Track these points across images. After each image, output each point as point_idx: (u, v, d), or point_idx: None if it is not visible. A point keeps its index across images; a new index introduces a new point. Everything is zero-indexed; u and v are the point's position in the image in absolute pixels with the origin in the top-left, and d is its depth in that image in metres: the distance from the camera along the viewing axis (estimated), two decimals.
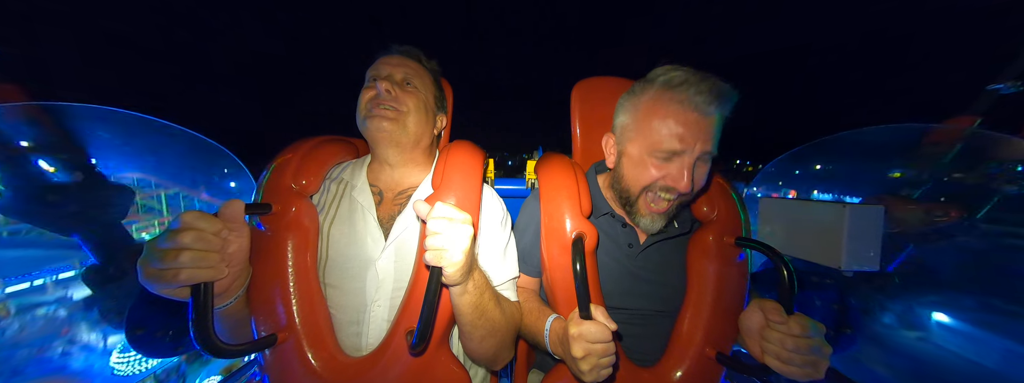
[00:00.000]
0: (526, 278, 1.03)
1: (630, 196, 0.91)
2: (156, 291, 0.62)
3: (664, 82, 0.82)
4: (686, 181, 0.81)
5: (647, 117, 0.84)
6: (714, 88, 0.78)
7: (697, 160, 0.82)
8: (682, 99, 0.79)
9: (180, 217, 0.62)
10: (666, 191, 0.85)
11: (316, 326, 0.82)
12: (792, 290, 0.73)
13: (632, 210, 0.92)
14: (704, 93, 0.77)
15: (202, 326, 0.61)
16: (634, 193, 0.90)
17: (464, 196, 0.85)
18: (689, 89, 0.79)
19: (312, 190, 0.93)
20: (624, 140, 0.90)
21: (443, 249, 0.64)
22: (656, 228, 0.91)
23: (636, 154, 0.87)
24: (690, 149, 0.80)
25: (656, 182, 0.85)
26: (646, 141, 0.84)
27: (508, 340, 0.87)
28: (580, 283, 0.73)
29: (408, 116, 0.91)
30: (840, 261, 1.44)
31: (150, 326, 1.70)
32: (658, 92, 0.83)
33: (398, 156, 0.95)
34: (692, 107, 0.79)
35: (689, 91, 0.78)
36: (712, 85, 0.78)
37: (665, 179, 0.83)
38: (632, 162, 0.88)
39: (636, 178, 0.88)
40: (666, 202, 0.87)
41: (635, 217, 0.92)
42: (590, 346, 0.68)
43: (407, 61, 0.95)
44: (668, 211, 0.88)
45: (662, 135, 0.81)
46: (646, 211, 0.89)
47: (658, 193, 0.86)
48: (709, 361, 0.89)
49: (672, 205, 0.87)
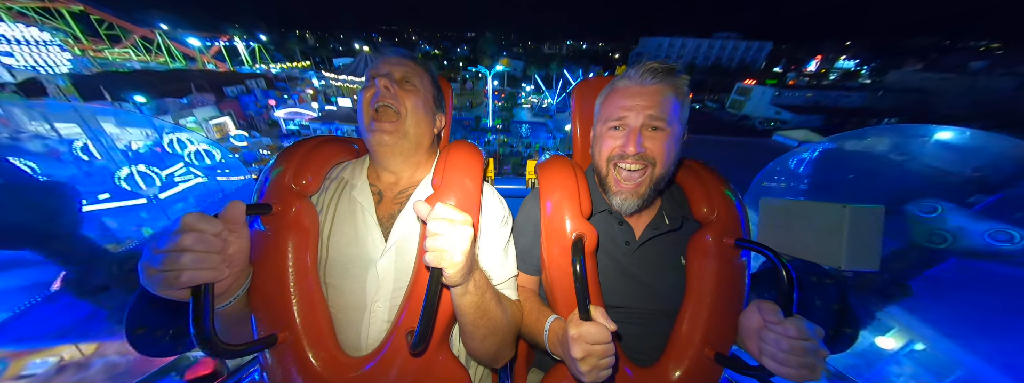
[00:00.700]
0: (525, 276, 1.03)
1: (601, 173, 0.97)
2: (157, 292, 0.62)
3: (622, 73, 0.95)
4: (633, 144, 0.88)
5: (605, 100, 0.96)
6: (652, 66, 0.89)
7: (645, 127, 0.89)
8: (625, 78, 0.92)
9: (181, 219, 0.62)
10: (623, 160, 0.91)
11: (316, 326, 0.82)
12: (791, 291, 0.73)
13: (606, 188, 0.97)
14: (641, 69, 0.90)
15: (203, 326, 0.61)
16: (602, 169, 0.96)
17: (464, 196, 0.85)
18: (631, 70, 0.92)
19: (312, 190, 0.93)
20: (595, 123, 1.00)
21: (443, 250, 0.64)
22: (630, 208, 0.94)
23: (599, 132, 0.97)
24: (635, 115, 0.89)
25: (613, 152, 0.92)
26: (602, 117, 0.96)
27: (509, 339, 0.88)
28: (580, 284, 0.73)
29: (407, 120, 0.92)
30: (840, 261, 1.44)
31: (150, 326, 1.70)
32: (615, 80, 0.96)
33: (401, 163, 0.97)
34: (633, 82, 0.91)
35: (631, 71, 0.92)
36: (653, 64, 0.90)
37: (617, 147, 0.91)
38: (597, 140, 0.98)
39: (599, 152, 0.96)
40: (630, 174, 0.92)
41: (610, 198, 0.97)
42: (590, 347, 0.68)
43: (406, 61, 0.96)
44: (638, 190, 0.93)
45: (612, 108, 0.92)
46: (616, 188, 0.94)
47: (619, 165, 0.93)
48: (708, 361, 0.89)
49: (639, 183, 0.92)
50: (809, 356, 0.69)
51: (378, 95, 0.90)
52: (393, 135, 0.90)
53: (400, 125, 0.91)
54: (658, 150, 0.90)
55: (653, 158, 0.90)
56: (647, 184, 0.92)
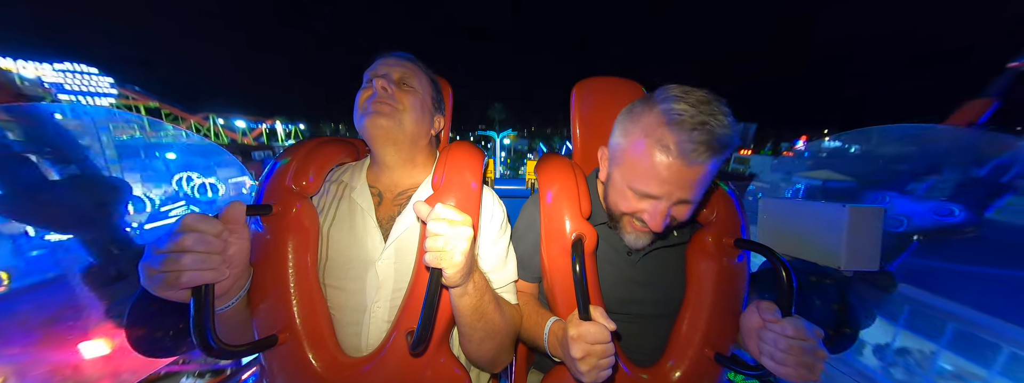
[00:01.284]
0: (525, 283, 1.03)
1: (614, 215, 0.91)
2: (157, 293, 0.62)
3: (663, 112, 0.73)
4: (658, 224, 0.79)
5: (634, 147, 0.78)
6: (710, 139, 0.69)
7: (674, 204, 0.79)
8: (671, 142, 0.71)
9: (181, 220, 0.62)
10: (643, 222, 0.84)
11: (316, 326, 0.82)
12: (791, 292, 0.73)
13: (617, 225, 0.91)
14: (695, 142, 0.69)
15: (203, 327, 0.61)
16: (616, 213, 0.90)
17: (464, 197, 0.85)
18: (682, 133, 0.70)
19: (312, 191, 0.93)
20: (613, 162, 0.87)
21: (443, 251, 0.64)
22: (641, 244, 0.90)
23: (618, 181, 0.85)
24: (666, 196, 0.77)
25: (634, 213, 0.84)
26: (627, 173, 0.81)
27: (507, 342, 0.87)
28: (579, 284, 0.73)
29: (404, 114, 0.90)
30: (840, 261, 1.44)
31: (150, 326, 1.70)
32: (651, 125, 0.75)
33: (396, 155, 0.94)
34: (678, 154, 0.71)
35: (681, 135, 0.70)
36: (709, 135, 0.69)
37: (641, 213, 0.82)
38: (615, 187, 0.87)
39: (616, 203, 0.87)
40: (646, 231, 0.86)
41: (620, 232, 0.92)
42: (589, 347, 0.68)
43: (404, 62, 0.95)
44: (652, 233, 0.87)
45: (641, 173, 0.77)
46: (630, 229, 0.89)
47: (636, 219, 0.86)
48: (708, 361, 0.89)
49: (659, 231, 0.85)
50: (808, 356, 0.68)
51: (375, 95, 0.89)
52: (389, 118, 0.88)
53: (396, 112, 0.89)
54: (681, 217, 0.83)
55: (673, 222, 0.84)
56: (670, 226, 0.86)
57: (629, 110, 0.83)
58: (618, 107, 1.24)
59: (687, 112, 0.70)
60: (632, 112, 0.82)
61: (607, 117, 1.24)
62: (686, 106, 0.71)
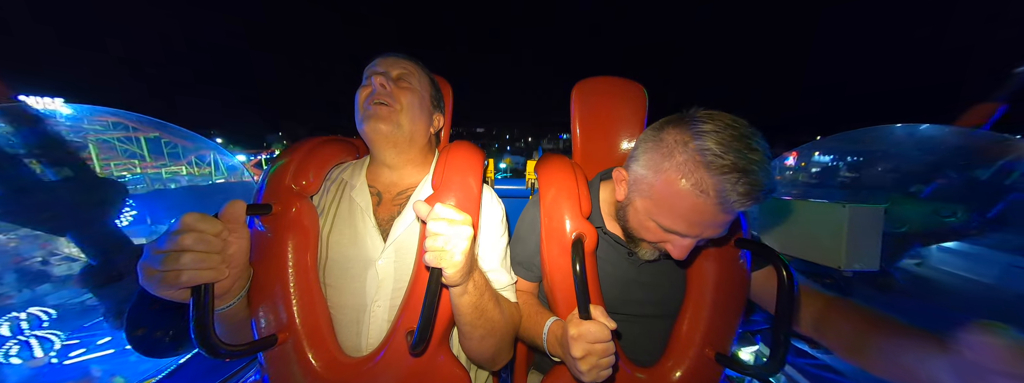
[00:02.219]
0: (525, 283, 1.03)
1: (631, 235, 0.89)
2: (157, 293, 0.62)
3: (699, 152, 0.67)
4: (682, 256, 0.78)
5: (666, 185, 0.72)
6: (753, 190, 0.65)
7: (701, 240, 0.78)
8: (710, 188, 0.67)
9: (181, 219, 0.62)
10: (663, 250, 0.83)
11: (316, 326, 0.82)
12: (791, 292, 0.73)
13: (633, 243, 0.90)
14: (739, 193, 0.65)
15: (203, 327, 0.61)
16: (633, 236, 0.88)
17: (464, 197, 0.85)
18: (723, 182, 0.65)
19: (312, 190, 0.93)
20: (635, 190, 0.81)
21: (443, 250, 0.64)
22: (653, 257, 0.89)
23: (643, 211, 0.80)
24: (696, 235, 0.75)
25: (655, 243, 0.83)
26: (656, 209, 0.76)
27: (507, 341, 0.87)
28: (580, 284, 0.73)
29: (402, 114, 0.91)
30: (840, 261, 1.45)
31: (150, 326, 1.70)
32: (688, 163, 0.69)
33: (396, 157, 0.95)
34: (717, 201, 0.67)
35: (725, 183, 0.65)
36: (752, 186, 0.65)
37: (663, 244, 0.81)
38: (637, 215, 0.82)
39: (637, 229, 0.84)
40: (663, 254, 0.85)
41: (634, 249, 0.90)
42: (590, 346, 0.68)
43: (402, 61, 0.96)
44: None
45: (673, 213, 0.73)
46: (647, 248, 0.87)
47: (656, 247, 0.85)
48: (708, 361, 0.89)
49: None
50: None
51: (374, 92, 0.90)
52: (388, 122, 0.89)
53: (394, 114, 0.90)
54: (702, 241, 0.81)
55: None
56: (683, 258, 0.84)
57: (657, 139, 0.76)
58: (618, 107, 1.25)
59: (727, 156, 0.65)
60: (661, 142, 0.75)
61: (607, 117, 1.24)
62: (725, 148, 0.66)
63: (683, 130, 0.72)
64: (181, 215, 0.62)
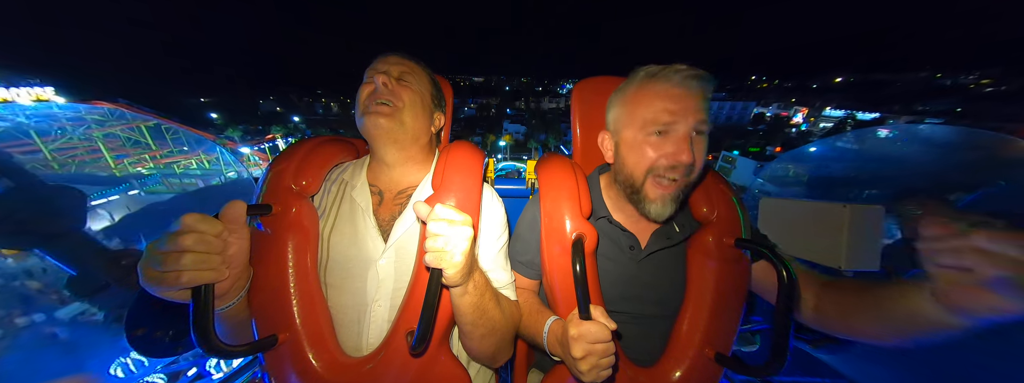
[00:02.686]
0: (525, 280, 1.03)
1: (635, 183, 0.89)
2: (158, 293, 0.62)
3: (645, 74, 0.88)
4: (687, 154, 0.80)
5: (636, 102, 0.87)
6: (690, 69, 0.82)
7: (692, 132, 0.82)
8: (664, 79, 0.84)
9: (181, 220, 0.62)
10: (670, 170, 0.83)
11: (316, 326, 0.82)
12: (792, 291, 0.73)
13: (639, 198, 0.89)
14: (682, 72, 0.82)
15: (203, 327, 0.61)
16: (638, 179, 0.88)
17: (464, 197, 0.85)
18: (668, 72, 0.84)
19: (312, 191, 0.93)
20: (619, 130, 0.92)
21: (443, 251, 0.64)
22: (666, 214, 0.87)
23: (632, 138, 0.87)
24: (683, 120, 0.81)
25: (657, 162, 0.84)
26: (639, 122, 0.86)
27: (508, 339, 0.88)
28: (580, 284, 0.73)
29: (404, 112, 0.91)
30: (841, 261, 1.44)
31: (150, 327, 1.70)
32: (642, 81, 0.87)
33: (397, 154, 0.95)
34: (675, 84, 0.82)
35: (669, 73, 0.84)
36: (689, 69, 0.83)
37: (665, 157, 0.83)
38: (629, 147, 0.88)
39: (637, 162, 0.87)
40: (672, 182, 0.84)
41: (643, 206, 0.88)
42: (590, 346, 0.68)
43: (404, 60, 0.97)
44: (675, 193, 0.86)
45: (654, 111, 0.83)
46: (654, 194, 0.86)
47: (662, 175, 0.85)
48: (708, 361, 0.89)
49: (678, 186, 0.85)
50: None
51: (376, 90, 0.90)
52: (389, 119, 0.89)
53: (396, 112, 0.90)
54: (701, 155, 0.83)
55: (695, 166, 0.83)
56: (681, 188, 0.86)
57: (617, 90, 0.95)
58: None
59: (664, 66, 0.86)
60: (620, 89, 0.94)
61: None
62: (660, 65, 0.86)
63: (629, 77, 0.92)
64: (181, 216, 0.62)
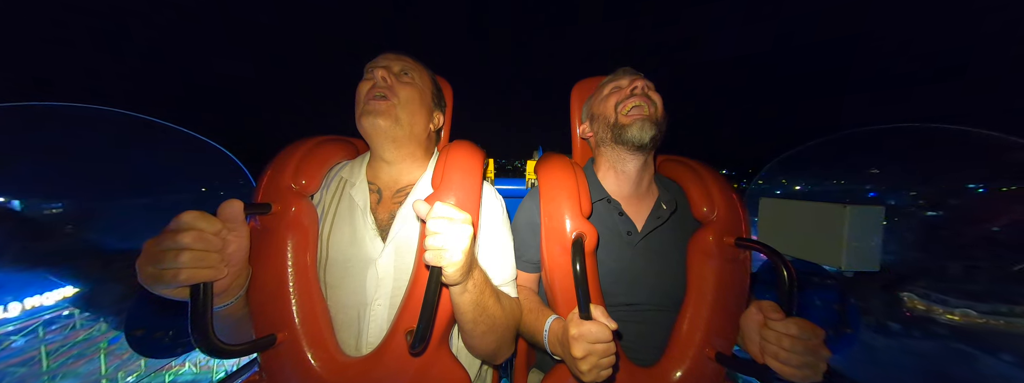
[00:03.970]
0: (524, 275, 1.03)
1: (610, 121, 1.02)
2: (155, 291, 0.62)
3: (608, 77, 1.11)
4: (639, 80, 0.99)
5: (597, 91, 1.10)
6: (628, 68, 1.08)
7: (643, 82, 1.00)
8: (616, 74, 1.08)
9: (179, 217, 0.61)
10: (631, 99, 0.99)
11: (315, 326, 0.82)
12: (792, 290, 0.73)
13: (620, 132, 0.99)
14: (625, 70, 1.07)
15: (201, 326, 0.61)
16: (611, 116, 1.02)
17: (464, 196, 0.85)
18: (618, 70, 1.09)
19: (311, 190, 0.93)
20: (591, 111, 1.11)
21: (443, 249, 0.63)
22: (647, 135, 0.96)
23: (598, 101, 1.07)
24: (628, 77, 1.03)
25: (621, 98, 1.01)
26: (602, 95, 1.06)
27: (509, 335, 0.88)
28: (580, 283, 0.73)
29: (401, 108, 0.91)
30: (841, 261, 1.44)
31: (150, 327, 1.69)
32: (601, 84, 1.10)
33: (395, 151, 0.94)
34: (623, 74, 1.06)
35: (618, 70, 1.09)
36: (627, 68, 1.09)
37: (623, 92, 1.01)
38: (599, 105, 1.06)
39: (605, 106, 1.04)
40: (638, 107, 0.98)
41: (625, 134, 0.98)
42: (590, 346, 0.68)
43: (404, 57, 0.97)
44: (649, 117, 0.97)
45: (610, 85, 1.06)
46: (628, 120, 0.98)
47: (627, 105, 0.99)
48: (709, 361, 0.88)
49: (646, 113, 0.98)
50: (812, 356, 0.69)
51: (375, 86, 0.90)
52: (386, 116, 0.89)
53: (394, 108, 0.90)
54: (656, 97, 1.00)
55: (653, 100, 0.99)
56: (655, 113, 0.99)
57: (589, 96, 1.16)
58: None
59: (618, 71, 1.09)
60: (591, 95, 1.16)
61: None
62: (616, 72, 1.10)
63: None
64: (180, 213, 0.62)
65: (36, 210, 12.81)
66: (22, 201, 13.94)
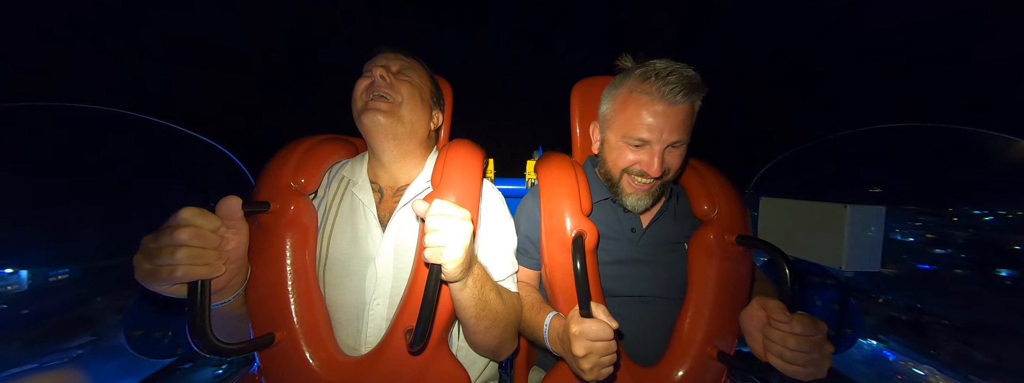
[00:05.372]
0: (525, 271, 1.03)
1: (612, 178, 0.97)
2: (152, 288, 0.61)
3: (638, 74, 0.89)
4: (656, 168, 0.88)
5: (622, 107, 0.91)
6: (681, 79, 0.84)
7: (667, 147, 0.88)
8: (651, 91, 0.85)
9: (177, 214, 0.61)
10: (641, 175, 0.92)
11: (314, 325, 0.81)
12: (794, 288, 0.73)
13: (617, 191, 0.97)
14: (671, 84, 0.83)
15: (199, 324, 0.61)
16: (615, 175, 0.96)
17: (464, 194, 0.85)
18: (657, 81, 0.84)
19: (311, 188, 0.92)
20: (605, 128, 0.98)
21: (442, 246, 0.63)
22: (642, 207, 0.96)
23: (614, 140, 0.94)
24: (658, 139, 0.86)
25: (631, 167, 0.92)
26: (621, 129, 0.91)
27: (511, 331, 0.87)
28: (581, 281, 0.73)
29: (402, 106, 0.90)
30: (841, 261, 1.44)
31: (149, 327, 1.68)
32: (632, 84, 0.90)
33: (395, 149, 0.94)
34: (659, 98, 0.85)
35: (657, 83, 0.84)
36: (679, 77, 0.84)
37: (639, 164, 0.91)
38: (611, 147, 0.96)
39: (615, 161, 0.95)
40: (644, 183, 0.93)
41: (620, 198, 0.97)
42: (591, 344, 0.68)
43: (403, 56, 0.96)
44: (650, 190, 0.95)
45: (633, 125, 0.88)
46: (629, 190, 0.95)
47: (635, 176, 0.93)
48: (711, 360, 0.88)
49: (652, 186, 0.94)
50: (816, 353, 0.68)
51: (374, 84, 0.89)
52: (388, 115, 0.87)
53: (395, 107, 0.89)
54: (674, 164, 0.92)
55: (668, 169, 0.92)
56: (659, 187, 0.96)
57: (612, 84, 0.98)
58: None
59: (660, 65, 0.87)
60: (614, 84, 0.97)
61: None
62: (655, 64, 0.88)
63: (628, 70, 0.94)
64: (179, 209, 0.61)
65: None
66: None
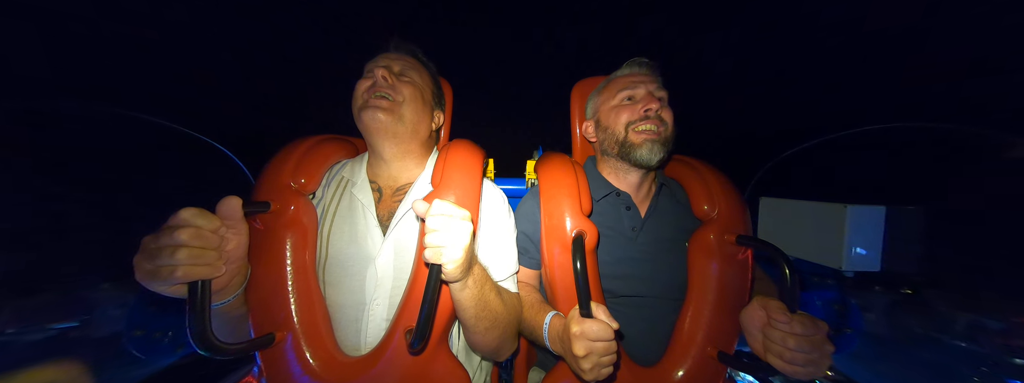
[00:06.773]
0: (525, 271, 1.03)
1: (619, 137, 1.01)
2: (152, 288, 0.61)
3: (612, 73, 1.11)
4: (653, 102, 0.97)
5: (607, 90, 1.08)
6: (644, 60, 1.07)
7: (653, 93, 1.00)
8: (625, 70, 1.08)
9: (177, 214, 0.61)
10: (644, 121, 0.98)
11: (314, 325, 0.81)
12: (794, 288, 0.73)
13: (627, 150, 1.00)
14: (638, 63, 1.07)
15: (199, 324, 0.61)
16: (621, 133, 1.01)
17: (464, 194, 0.85)
18: (630, 64, 1.09)
19: (311, 188, 0.92)
20: (597, 112, 1.09)
21: (442, 246, 0.63)
22: (655, 157, 0.97)
23: (608, 109, 1.05)
24: (644, 87, 1.00)
25: (632, 117, 0.99)
26: (612, 98, 1.04)
27: (511, 331, 0.87)
28: (581, 281, 0.73)
29: (403, 106, 0.90)
30: (841, 261, 1.44)
31: (149, 328, 1.68)
32: (610, 77, 1.11)
33: (395, 148, 0.94)
34: (631, 70, 1.07)
35: (624, 66, 1.09)
36: (642, 59, 1.08)
37: (637, 110, 0.98)
38: (608, 114, 1.04)
39: (616, 120, 1.02)
40: (652, 130, 0.98)
41: (633, 154, 0.99)
42: (591, 345, 0.68)
43: (405, 57, 0.96)
44: (660, 138, 0.98)
45: (618, 90, 1.03)
46: (639, 140, 0.98)
47: (639, 127, 0.98)
48: (711, 360, 0.88)
49: (660, 133, 0.98)
50: (817, 353, 0.68)
51: (376, 84, 0.89)
52: (388, 113, 0.87)
53: (396, 106, 0.89)
54: (667, 116, 1.00)
55: (665, 121, 0.99)
56: (665, 132, 0.98)
57: (594, 90, 1.15)
58: None
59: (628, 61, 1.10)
60: (596, 89, 1.15)
61: None
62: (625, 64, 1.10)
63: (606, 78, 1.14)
64: (179, 210, 0.61)
65: None
66: None
